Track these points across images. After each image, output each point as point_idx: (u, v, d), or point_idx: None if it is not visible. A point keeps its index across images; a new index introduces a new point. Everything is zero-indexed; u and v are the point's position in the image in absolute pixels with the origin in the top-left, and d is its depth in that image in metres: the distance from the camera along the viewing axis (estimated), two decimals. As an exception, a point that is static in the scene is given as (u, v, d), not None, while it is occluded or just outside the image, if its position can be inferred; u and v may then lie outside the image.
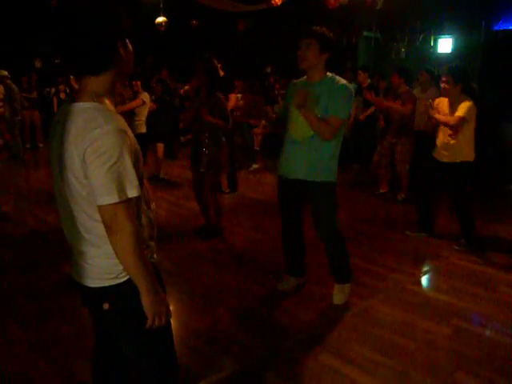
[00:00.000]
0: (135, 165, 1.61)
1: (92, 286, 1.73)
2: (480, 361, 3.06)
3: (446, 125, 4.71)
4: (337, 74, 3.51)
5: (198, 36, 12.10)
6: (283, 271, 4.04)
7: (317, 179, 3.50)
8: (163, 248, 4.64)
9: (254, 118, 8.23)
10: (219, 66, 6.66)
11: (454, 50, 9.83)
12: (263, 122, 9.66)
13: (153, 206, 1.86)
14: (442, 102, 4.87)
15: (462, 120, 4.59)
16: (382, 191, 6.89)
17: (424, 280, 4.35)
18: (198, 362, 3.01)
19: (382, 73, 8.34)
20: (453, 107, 4.72)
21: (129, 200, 1.59)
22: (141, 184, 1.65)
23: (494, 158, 7.52)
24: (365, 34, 10.69)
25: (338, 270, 3.79)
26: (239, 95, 8.08)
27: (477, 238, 4.96)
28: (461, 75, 4.72)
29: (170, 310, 1.78)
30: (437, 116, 4.76)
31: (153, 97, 7.63)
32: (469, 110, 4.62)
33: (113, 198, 1.54)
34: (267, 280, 4.14)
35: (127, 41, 1.67)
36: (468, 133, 4.73)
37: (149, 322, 1.70)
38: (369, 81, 7.81)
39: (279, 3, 6.08)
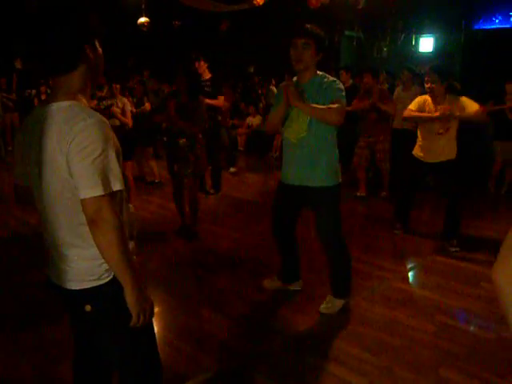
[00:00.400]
0: (118, 158, 1.62)
1: (73, 288, 1.71)
2: (464, 356, 3.08)
3: (470, 120, 4.73)
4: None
5: (180, 36, 12.06)
6: (270, 272, 4.02)
7: (318, 184, 3.41)
8: (147, 249, 4.64)
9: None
10: (206, 66, 6.65)
11: (435, 48, 9.93)
12: (246, 122, 9.66)
13: (131, 207, 1.85)
14: (427, 101, 4.88)
15: (485, 110, 4.67)
16: (359, 194, 6.83)
17: (408, 277, 4.38)
18: (183, 363, 2.99)
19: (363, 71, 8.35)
20: (439, 105, 4.73)
21: (113, 193, 1.58)
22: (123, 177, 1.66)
23: (477, 156, 7.59)
24: (347, 33, 10.75)
25: (337, 282, 3.65)
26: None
27: (461, 235, 5.00)
28: (446, 74, 4.77)
29: (153, 307, 1.77)
30: (462, 114, 4.72)
31: (134, 99, 7.55)
32: (472, 101, 4.68)
33: (98, 191, 1.53)
34: (252, 280, 4.13)
35: (96, 42, 1.69)
36: (454, 132, 4.78)
37: (133, 320, 1.68)
38: (351, 81, 7.83)
39: (261, 3, 6.08)
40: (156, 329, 3.31)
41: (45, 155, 1.57)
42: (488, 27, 9.03)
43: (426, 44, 10.00)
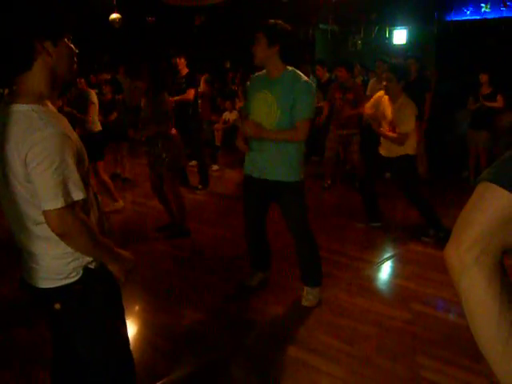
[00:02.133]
0: (79, 165, 1.61)
1: (43, 286, 1.72)
2: (440, 343, 3.14)
3: (393, 140, 4.77)
4: (295, 68, 3.45)
5: (154, 32, 11.97)
6: (249, 267, 4.02)
7: (285, 179, 3.43)
8: (125, 247, 4.59)
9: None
10: (184, 62, 6.62)
11: (408, 40, 10.01)
12: (223, 117, 9.64)
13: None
14: (384, 99, 4.89)
15: (407, 137, 4.68)
16: (325, 185, 6.90)
17: (384, 267, 4.43)
18: (161, 360, 2.99)
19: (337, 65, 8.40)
20: (394, 104, 4.75)
21: (75, 203, 1.59)
22: (86, 184, 1.66)
23: (450, 146, 7.70)
24: (321, 26, 10.77)
25: (309, 272, 3.70)
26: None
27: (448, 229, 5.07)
28: (402, 73, 4.78)
29: (133, 261, 1.91)
30: (383, 133, 4.83)
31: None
32: (413, 119, 4.68)
33: (58, 203, 1.53)
34: (232, 276, 4.14)
35: (62, 40, 1.63)
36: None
37: (121, 280, 1.82)
38: (327, 75, 7.86)
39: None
40: (134, 327, 3.33)
41: (5, 157, 1.56)
42: (460, 18, 9.15)
43: (400, 36, 10.08)
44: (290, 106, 3.26)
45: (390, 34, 10.18)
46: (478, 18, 8.94)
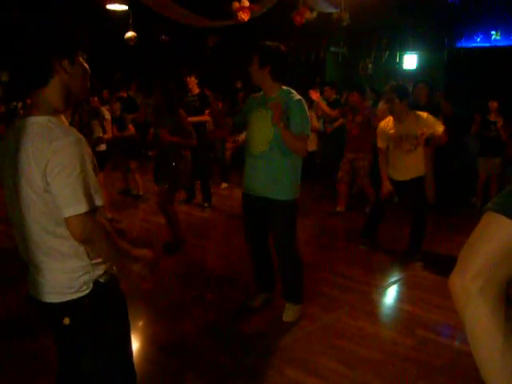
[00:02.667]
0: (94, 173, 1.65)
1: (52, 301, 1.70)
2: (444, 369, 3.11)
3: (439, 140, 4.81)
4: (305, 89, 3.54)
5: (167, 51, 12.12)
6: (254, 288, 4.01)
7: (277, 197, 3.48)
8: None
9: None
10: (195, 81, 6.70)
11: (418, 66, 10.05)
12: (233, 136, 9.70)
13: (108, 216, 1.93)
14: (389, 122, 4.92)
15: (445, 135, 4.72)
16: (338, 210, 6.85)
17: (390, 291, 4.41)
18: (162, 376, 2.98)
19: (349, 88, 8.46)
20: (402, 122, 4.78)
21: (97, 209, 1.62)
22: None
23: (458, 172, 7.70)
24: (332, 49, 10.86)
25: (290, 291, 3.75)
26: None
27: (442, 250, 5.05)
28: (404, 92, 4.83)
29: (151, 254, 2.03)
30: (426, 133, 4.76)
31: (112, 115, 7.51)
32: (436, 119, 4.78)
33: (82, 208, 1.56)
34: (235, 295, 4.13)
35: (77, 57, 1.68)
36: (422, 148, 4.85)
37: (148, 275, 2.04)
38: (334, 96, 7.94)
39: (246, 19, 6.15)
40: (136, 343, 3.32)
41: (20, 168, 1.58)
42: (470, 45, 9.20)
43: (410, 61, 10.11)
44: (285, 125, 3.35)
45: (401, 58, 10.23)
46: (488, 45, 8.99)
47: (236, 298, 4.06)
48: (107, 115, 6.36)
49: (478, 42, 9.11)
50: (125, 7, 8.36)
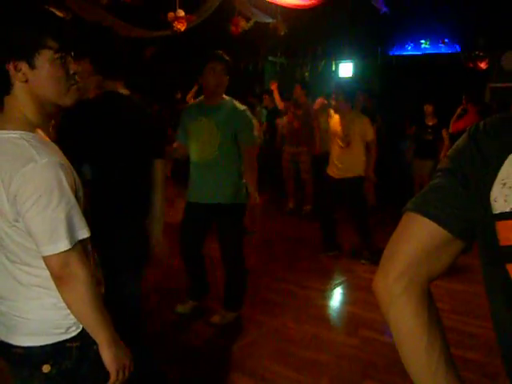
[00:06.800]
0: (80, 200, 1.42)
1: (27, 344, 1.43)
2: (387, 367, 3.17)
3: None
4: (243, 98, 3.59)
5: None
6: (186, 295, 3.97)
7: (227, 202, 3.50)
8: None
9: None
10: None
11: (354, 73, 10.34)
12: (173, 147, 9.61)
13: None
14: (335, 119, 5.17)
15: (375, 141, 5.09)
16: (292, 206, 7.06)
17: (333, 294, 4.47)
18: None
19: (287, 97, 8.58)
20: (345, 121, 5.00)
21: (79, 243, 1.38)
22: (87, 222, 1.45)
23: (395, 176, 7.93)
24: (270, 58, 11.00)
25: (232, 298, 3.76)
26: None
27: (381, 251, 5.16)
28: (350, 92, 5.09)
29: (132, 361, 1.54)
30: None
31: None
32: (371, 126, 5.07)
33: (63, 245, 1.32)
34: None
35: (39, 59, 1.37)
36: (359, 148, 5.02)
37: (112, 378, 1.46)
38: (273, 105, 8.05)
39: (182, 29, 6.12)
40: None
41: None
42: (402, 53, 9.56)
43: (346, 69, 10.41)
44: (232, 133, 3.42)
45: (337, 67, 10.49)
46: (419, 53, 9.39)
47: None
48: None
49: (409, 50, 9.50)
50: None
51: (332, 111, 5.26)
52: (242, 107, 3.52)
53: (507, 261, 0.85)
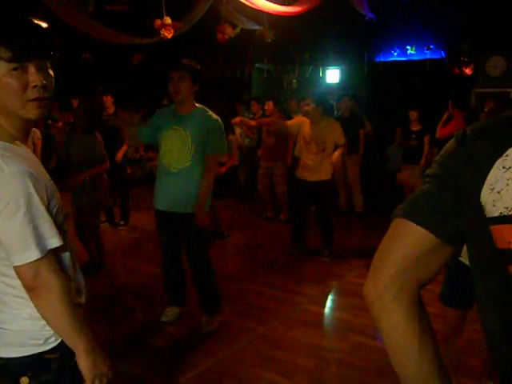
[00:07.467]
0: (53, 210, 1.40)
1: (5, 356, 1.40)
2: (376, 372, 3.18)
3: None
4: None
5: (91, 69, 11.86)
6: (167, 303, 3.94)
7: (191, 211, 3.52)
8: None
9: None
10: (111, 100, 6.60)
11: (341, 79, 10.40)
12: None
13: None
14: (305, 123, 5.30)
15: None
16: (268, 214, 7.17)
17: (322, 300, 4.47)
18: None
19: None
20: (315, 126, 5.18)
21: (50, 252, 1.34)
22: (62, 230, 1.42)
23: (382, 181, 7.97)
24: (257, 65, 11.02)
25: (208, 301, 3.79)
26: None
27: (371, 259, 5.16)
28: (321, 99, 5.38)
29: (111, 370, 1.50)
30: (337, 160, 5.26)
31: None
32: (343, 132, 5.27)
33: (32, 255, 1.29)
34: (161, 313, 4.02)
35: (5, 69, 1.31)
36: (331, 152, 5.21)
37: None
38: (261, 112, 8.02)
39: (169, 36, 6.11)
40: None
41: None
42: (388, 59, 9.64)
43: (333, 75, 10.46)
44: (204, 142, 3.47)
45: (324, 73, 10.54)
46: (404, 59, 9.47)
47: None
48: (39, 135, 6.01)
49: (395, 56, 9.58)
50: (44, 25, 8.10)
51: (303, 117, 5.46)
52: (214, 116, 3.57)
53: (510, 263, 0.85)
